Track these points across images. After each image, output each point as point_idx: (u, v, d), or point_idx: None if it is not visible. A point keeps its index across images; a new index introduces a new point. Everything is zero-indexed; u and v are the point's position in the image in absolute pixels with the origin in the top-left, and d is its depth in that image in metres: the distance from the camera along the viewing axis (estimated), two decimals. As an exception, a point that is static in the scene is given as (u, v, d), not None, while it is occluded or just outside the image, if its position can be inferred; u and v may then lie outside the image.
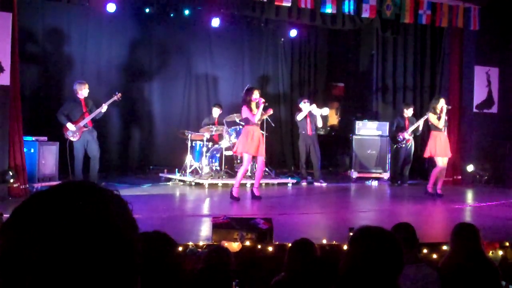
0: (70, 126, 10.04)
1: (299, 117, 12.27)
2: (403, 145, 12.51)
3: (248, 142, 9.43)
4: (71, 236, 1.03)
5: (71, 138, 10.08)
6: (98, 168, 10.42)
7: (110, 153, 12.70)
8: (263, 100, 9.55)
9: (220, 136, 12.07)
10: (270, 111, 10.10)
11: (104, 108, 10.25)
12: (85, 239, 1.04)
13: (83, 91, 10.19)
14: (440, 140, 10.53)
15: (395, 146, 12.66)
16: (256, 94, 9.52)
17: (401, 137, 12.44)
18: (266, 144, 10.26)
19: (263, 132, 10.68)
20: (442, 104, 10.56)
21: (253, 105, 9.50)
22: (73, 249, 1.03)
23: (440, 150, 10.52)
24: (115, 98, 10.48)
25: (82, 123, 10.11)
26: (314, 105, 12.24)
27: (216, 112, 12.45)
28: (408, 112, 12.54)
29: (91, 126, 10.28)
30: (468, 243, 4.25)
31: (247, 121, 9.57)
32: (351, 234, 2.95)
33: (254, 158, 10.06)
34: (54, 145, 10.16)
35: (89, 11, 12.41)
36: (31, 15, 11.97)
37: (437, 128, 10.56)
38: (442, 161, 10.60)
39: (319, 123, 12.32)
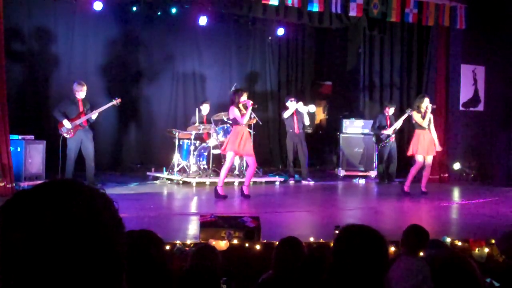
0: (66, 123, 9.97)
1: (286, 114, 12.28)
2: (387, 144, 12.58)
3: (237, 142, 9.45)
4: (55, 234, 1.03)
5: (65, 135, 10.02)
6: (93, 167, 10.34)
7: (97, 152, 12.61)
8: (251, 102, 9.57)
9: (209, 135, 12.02)
10: (254, 120, 11.04)
11: (95, 115, 10.20)
12: (70, 237, 1.04)
13: (80, 93, 10.14)
14: (424, 139, 10.53)
15: (380, 145, 12.72)
16: (244, 97, 9.56)
17: (384, 135, 12.49)
18: (253, 143, 10.31)
19: (250, 131, 10.71)
20: (426, 103, 10.55)
21: (242, 106, 9.53)
22: (58, 247, 1.03)
23: (422, 149, 10.52)
24: (114, 102, 10.47)
25: (77, 122, 10.06)
26: (300, 103, 12.25)
27: (206, 108, 12.33)
28: (390, 111, 12.63)
29: (86, 125, 10.23)
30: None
31: (235, 122, 9.58)
32: (336, 232, 2.96)
33: (242, 157, 10.10)
34: (41, 144, 10.07)
35: (75, 9, 12.36)
36: (17, 13, 11.89)
37: (420, 127, 10.56)
38: (423, 159, 10.60)
39: (306, 121, 12.33)
